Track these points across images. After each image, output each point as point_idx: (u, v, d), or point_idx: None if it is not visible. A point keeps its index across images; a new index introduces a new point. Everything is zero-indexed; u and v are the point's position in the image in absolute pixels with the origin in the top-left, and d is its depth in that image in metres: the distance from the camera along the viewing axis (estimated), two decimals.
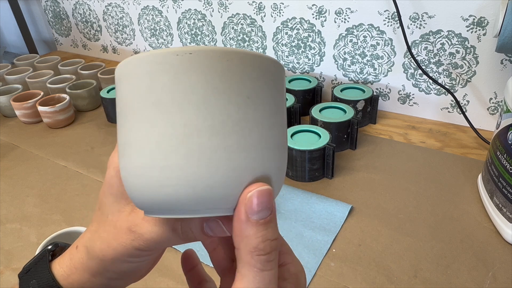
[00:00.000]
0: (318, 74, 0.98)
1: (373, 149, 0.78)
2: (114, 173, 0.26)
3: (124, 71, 0.21)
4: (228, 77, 0.20)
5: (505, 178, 0.54)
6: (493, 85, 0.78)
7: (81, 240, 0.28)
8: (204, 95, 0.19)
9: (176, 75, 0.19)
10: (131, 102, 0.20)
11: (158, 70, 0.19)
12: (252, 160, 0.20)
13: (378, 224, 0.60)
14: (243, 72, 0.20)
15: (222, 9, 1.03)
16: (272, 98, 0.21)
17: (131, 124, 0.21)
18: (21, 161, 0.83)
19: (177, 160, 0.19)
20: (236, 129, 0.20)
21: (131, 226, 0.25)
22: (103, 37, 1.35)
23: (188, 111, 0.19)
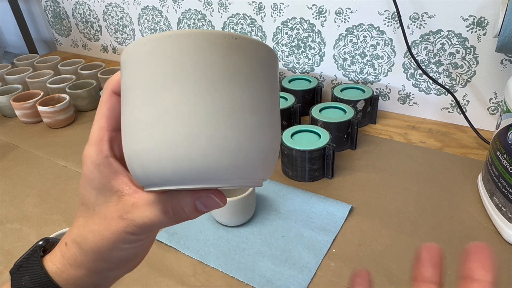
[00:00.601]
0: (318, 74, 0.98)
1: (373, 149, 0.78)
2: (93, 167, 0.26)
3: (165, 45, 0.22)
4: (265, 64, 0.23)
5: (505, 178, 0.54)
6: (493, 85, 0.78)
7: (70, 237, 0.28)
8: (248, 77, 0.22)
9: (226, 55, 0.21)
10: (161, 76, 0.21)
11: (208, 48, 0.21)
12: (276, 136, 0.24)
13: (378, 224, 0.60)
14: (273, 61, 0.24)
15: (222, 9, 1.03)
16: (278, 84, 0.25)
17: (156, 99, 0.21)
18: (21, 161, 0.83)
19: (225, 132, 0.21)
20: (268, 109, 0.23)
21: (122, 214, 0.26)
22: (103, 37, 1.35)
23: (234, 89, 0.21)
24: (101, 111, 0.27)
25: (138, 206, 0.25)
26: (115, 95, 0.27)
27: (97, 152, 0.26)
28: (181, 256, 0.57)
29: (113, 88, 0.27)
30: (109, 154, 0.27)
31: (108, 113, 0.27)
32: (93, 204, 0.27)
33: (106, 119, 0.27)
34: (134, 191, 0.26)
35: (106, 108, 0.27)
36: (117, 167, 0.27)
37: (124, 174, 0.27)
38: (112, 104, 0.27)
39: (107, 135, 0.27)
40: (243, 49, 0.22)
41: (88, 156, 0.27)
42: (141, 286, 0.53)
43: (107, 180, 0.26)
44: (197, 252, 0.57)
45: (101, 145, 0.27)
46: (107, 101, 0.27)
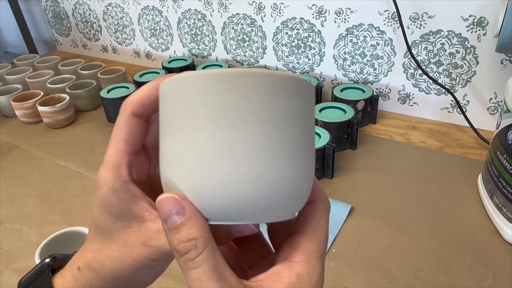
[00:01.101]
0: (318, 74, 0.98)
1: (373, 149, 0.78)
2: (110, 192, 0.25)
3: (199, 86, 0.21)
4: (313, 103, 0.24)
5: (505, 178, 0.54)
6: (493, 85, 0.78)
7: (83, 261, 0.27)
8: (304, 118, 0.23)
9: (291, 98, 0.22)
10: (229, 114, 0.21)
11: (278, 91, 0.21)
12: (310, 175, 0.24)
13: (378, 224, 0.60)
14: (313, 97, 0.24)
15: (222, 9, 1.03)
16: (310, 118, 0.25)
17: (202, 137, 0.21)
18: (21, 161, 0.83)
19: (286, 173, 0.22)
20: (303, 150, 0.23)
21: (145, 241, 0.25)
22: (103, 37, 1.36)
23: (295, 131, 0.22)
24: (119, 133, 0.25)
25: (163, 232, 0.25)
26: (135, 117, 0.26)
27: (114, 177, 0.25)
28: None
29: (133, 110, 0.25)
30: (128, 179, 0.25)
31: (127, 136, 0.25)
32: (110, 229, 0.26)
33: (125, 142, 0.25)
34: (157, 217, 0.25)
35: (125, 131, 0.25)
36: (136, 192, 0.25)
37: (144, 199, 0.26)
38: (131, 126, 0.25)
39: (126, 159, 0.25)
40: (302, 91, 0.22)
41: (104, 181, 0.25)
42: None
43: (126, 206, 0.25)
44: None
45: (119, 170, 0.25)
46: (127, 123, 0.25)
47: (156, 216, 0.25)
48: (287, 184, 0.22)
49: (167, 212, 0.21)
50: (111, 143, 0.26)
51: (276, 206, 0.22)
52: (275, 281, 0.22)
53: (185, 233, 0.21)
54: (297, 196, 0.23)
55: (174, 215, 0.21)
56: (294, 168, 0.22)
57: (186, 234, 0.21)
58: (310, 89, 0.23)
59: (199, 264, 0.21)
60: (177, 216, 0.21)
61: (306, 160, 0.23)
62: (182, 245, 0.21)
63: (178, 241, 0.21)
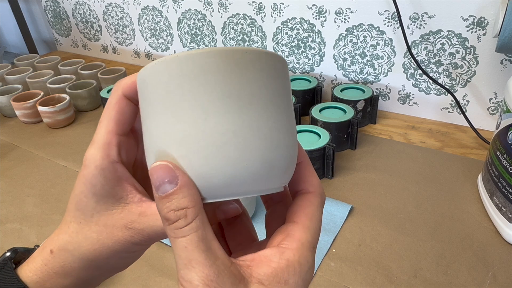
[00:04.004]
0: (318, 74, 0.98)
1: (373, 149, 0.78)
2: (97, 171, 0.25)
3: (185, 68, 0.21)
4: (281, 77, 0.24)
5: (505, 178, 0.54)
6: (493, 85, 0.78)
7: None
8: (287, 91, 0.24)
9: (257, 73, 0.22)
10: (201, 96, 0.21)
11: (231, 67, 0.21)
12: (294, 149, 0.24)
13: (378, 224, 0.60)
14: (285, 74, 0.25)
15: (222, 9, 1.03)
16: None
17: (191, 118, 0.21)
18: (21, 161, 0.83)
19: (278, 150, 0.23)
20: (288, 127, 0.24)
21: (127, 223, 0.25)
22: (103, 37, 1.36)
23: (283, 107, 0.23)
24: (109, 114, 0.26)
25: (146, 215, 0.25)
26: (126, 99, 0.26)
27: (103, 156, 0.25)
28: None
29: (124, 92, 0.25)
30: (116, 159, 0.25)
31: (118, 117, 0.26)
32: (91, 210, 0.25)
33: (116, 122, 0.25)
34: (140, 200, 0.25)
35: (116, 111, 0.25)
36: (123, 174, 0.25)
37: (130, 181, 0.26)
38: (122, 107, 0.26)
39: (116, 139, 0.25)
40: (278, 68, 0.23)
41: (92, 159, 0.25)
42: (141, 286, 0.53)
43: (111, 186, 0.25)
44: None
45: (108, 149, 0.25)
46: (117, 104, 0.26)
47: (140, 199, 0.25)
48: (277, 158, 0.22)
49: (159, 179, 0.21)
50: (101, 123, 0.26)
51: (266, 180, 0.23)
52: (263, 264, 0.22)
53: (176, 202, 0.21)
54: (285, 169, 0.23)
55: (166, 183, 0.21)
56: (282, 144, 0.23)
57: (176, 203, 0.21)
58: (283, 64, 0.24)
59: (187, 233, 0.21)
60: (170, 185, 0.21)
61: (291, 134, 0.24)
62: (172, 213, 0.21)
63: (168, 209, 0.21)
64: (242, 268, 0.22)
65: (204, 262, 0.20)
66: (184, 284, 0.20)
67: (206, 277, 0.20)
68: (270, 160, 0.22)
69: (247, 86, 0.21)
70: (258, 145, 0.21)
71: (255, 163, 0.22)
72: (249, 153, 0.21)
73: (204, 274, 0.20)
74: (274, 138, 0.22)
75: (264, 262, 0.22)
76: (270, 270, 0.22)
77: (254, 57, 0.21)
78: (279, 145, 0.22)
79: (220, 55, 0.21)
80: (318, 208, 0.25)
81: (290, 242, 0.23)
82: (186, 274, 0.20)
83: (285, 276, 0.22)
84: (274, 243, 0.24)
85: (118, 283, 0.53)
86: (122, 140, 0.26)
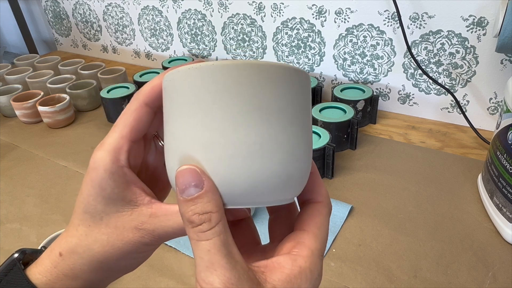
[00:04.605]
0: (318, 74, 0.98)
1: (373, 149, 0.78)
2: (107, 175, 0.25)
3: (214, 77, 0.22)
4: (306, 93, 0.24)
5: (505, 178, 0.54)
6: (493, 85, 0.78)
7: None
8: (307, 105, 0.25)
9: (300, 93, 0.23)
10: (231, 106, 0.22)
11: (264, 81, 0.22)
12: (309, 162, 0.25)
13: (378, 224, 0.60)
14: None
15: (222, 9, 1.03)
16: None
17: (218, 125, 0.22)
18: (21, 161, 0.83)
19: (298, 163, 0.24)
20: (308, 142, 0.25)
21: (137, 225, 0.25)
22: (103, 37, 1.36)
23: (305, 120, 0.24)
24: (126, 120, 0.26)
25: (157, 216, 0.25)
26: (146, 106, 0.26)
27: (113, 160, 0.25)
28: (181, 256, 0.57)
29: (145, 100, 0.26)
30: (125, 164, 0.25)
31: (134, 124, 0.26)
32: (101, 212, 0.26)
33: (131, 129, 0.26)
34: (150, 202, 0.25)
35: (133, 118, 0.26)
36: (131, 178, 0.26)
37: (138, 184, 0.26)
38: (140, 115, 0.26)
39: (128, 145, 0.26)
40: (303, 83, 0.24)
41: (102, 163, 0.25)
42: (141, 286, 0.53)
43: (120, 190, 0.25)
44: None
45: (118, 154, 0.25)
46: (136, 111, 0.26)
47: (149, 200, 0.26)
48: (296, 171, 0.23)
49: (186, 182, 0.22)
50: (115, 127, 0.26)
51: (283, 191, 0.24)
52: (277, 270, 0.23)
53: (201, 205, 0.21)
54: (301, 181, 0.25)
55: (192, 187, 0.21)
56: (301, 158, 0.24)
57: (201, 207, 0.21)
58: (309, 80, 0.25)
59: (210, 236, 0.21)
60: (195, 189, 0.21)
61: (309, 149, 0.25)
62: (197, 216, 0.21)
63: (193, 212, 0.21)
64: (257, 274, 0.22)
65: (225, 265, 0.21)
66: (204, 286, 0.21)
67: (228, 280, 0.21)
68: (290, 173, 0.23)
69: (277, 101, 0.22)
70: (281, 158, 0.22)
71: (276, 175, 0.23)
72: (272, 165, 0.22)
73: (226, 278, 0.21)
74: (295, 153, 0.23)
75: (277, 269, 0.23)
76: (284, 276, 0.22)
77: (287, 73, 0.22)
78: (299, 159, 0.23)
79: (255, 69, 0.21)
80: (326, 217, 0.26)
81: (301, 250, 0.24)
82: (207, 277, 0.21)
83: (298, 281, 0.22)
84: (284, 250, 0.24)
85: (118, 283, 0.53)
86: (133, 146, 0.26)
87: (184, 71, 0.22)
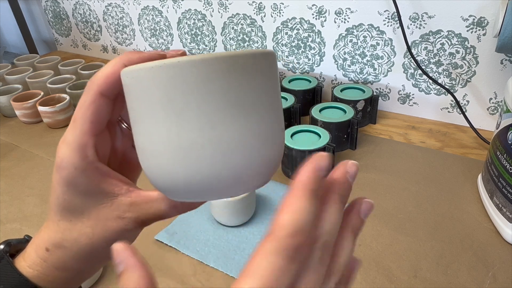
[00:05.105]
0: (318, 74, 0.98)
1: (373, 149, 0.78)
2: (78, 172, 0.24)
3: (161, 76, 0.21)
4: (275, 75, 0.24)
5: (505, 178, 0.54)
6: (493, 85, 0.78)
7: (50, 242, 0.27)
8: (265, 91, 0.23)
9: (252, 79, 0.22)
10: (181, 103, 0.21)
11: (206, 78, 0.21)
12: (282, 142, 0.25)
13: (378, 224, 0.60)
14: (273, 62, 0.24)
15: (222, 9, 1.03)
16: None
17: (158, 125, 0.21)
18: (21, 161, 0.83)
19: (256, 151, 0.23)
20: (281, 122, 0.24)
21: (119, 214, 0.26)
22: (103, 37, 1.36)
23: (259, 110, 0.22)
24: (84, 114, 0.25)
25: (138, 204, 0.26)
26: (102, 96, 0.25)
27: (81, 157, 0.24)
28: (181, 256, 0.57)
29: (101, 91, 0.24)
30: (95, 158, 0.25)
31: (93, 118, 0.25)
32: (81, 207, 0.26)
33: (91, 123, 0.25)
34: (128, 190, 0.26)
35: (91, 112, 0.25)
36: (104, 170, 0.26)
37: (113, 175, 0.26)
38: (98, 107, 0.25)
39: (92, 140, 0.25)
40: (265, 68, 0.23)
41: (70, 162, 0.24)
42: None
43: (96, 184, 0.25)
44: (197, 252, 0.57)
45: (85, 151, 0.25)
46: (93, 103, 0.24)
47: (127, 189, 0.26)
48: (275, 155, 0.24)
49: (115, 261, 0.22)
50: (75, 122, 0.25)
51: (266, 176, 0.24)
52: None
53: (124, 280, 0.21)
54: (279, 160, 0.24)
55: (118, 264, 0.22)
56: (278, 142, 0.23)
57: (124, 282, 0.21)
58: (275, 59, 0.24)
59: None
60: (121, 265, 0.22)
61: (282, 130, 0.24)
62: None
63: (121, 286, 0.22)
64: None
65: None
66: None
67: None
68: (270, 158, 0.23)
69: (252, 92, 0.21)
70: (261, 148, 0.22)
71: (259, 165, 0.23)
72: (253, 157, 0.22)
73: None
74: (274, 138, 0.23)
75: None
76: None
77: (256, 59, 0.22)
78: (276, 142, 0.23)
79: (224, 61, 0.20)
80: (268, 256, 0.18)
81: None
82: None
83: None
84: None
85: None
86: (97, 138, 0.26)
87: (149, 70, 0.21)
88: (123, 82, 0.23)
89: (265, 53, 0.22)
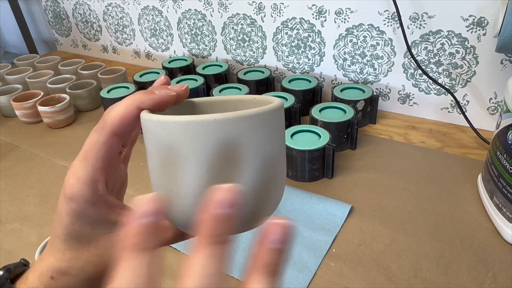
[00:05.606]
0: (318, 74, 0.98)
1: (373, 149, 0.78)
2: (89, 205, 0.25)
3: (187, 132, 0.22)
4: (278, 122, 0.26)
5: (505, 178, 0.54)
6: (493, 85, 0.78)
7: (55, 270, 0.27)
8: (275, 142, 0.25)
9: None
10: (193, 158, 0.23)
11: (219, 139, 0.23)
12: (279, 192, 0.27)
13: (378, 224, 0.60)
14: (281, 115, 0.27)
15: (222, 9, 1.03)
16: None
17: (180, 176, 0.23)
18: (21, 161, 0.83)
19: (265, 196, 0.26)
20: (282, 173, 0.27)
21: None
22: (103, 37, 1.36)
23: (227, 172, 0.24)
24: (98, 153, 0.26)
25: None
26: (116, 137, 0.26)
27: (92, 191, 0.26)
28: (181, 256, 0.57)
29: (115, 131, 0.25)
30: (105, 192, 0.26)
31: (106, 156, 0.26)
32: (88, 237, 0.26)
33: (103, 161, 0.26)
34: (135, 219, 0.26)
35: (105, 151, 0.26)
36: (113, 202, 0.27)
37: (120, 206, 0.27)
38: (111, 147, 0.26)
39: (104, 176, 0.26)
40: (273, 122, 0.25)
41: (81, 196, 0.25)
42: None
43: (105, 216, 0.26)
44: None
45: (96, 185, 0.26)
46: (106, 143, 0.26)
47: (134, 218, 0.26)
48: (276, 201, 0.26)
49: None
50: (87, 159, 0.26)
51: (248, 226, 0.25)
52: None
53: None
54: (266, 216, 0.26)
55: None
56: (274, 193, 0.26)
57: None
58: (283, 109, 0.26)
59: None
60: None
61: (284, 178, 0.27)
62: None
63: None
64: None
65: None
66: None
67: None
68: (278, 199, 0.26)
69: (277, 142, 0.25)
70: (274, 193, 0.25)
71: (270, 207, 0.26)
72: (267, 201, 0.25)
73: None
74: (283, 181, 0.27)
75: None
76: None
77: (274, 115, 0.24)
78: (283, 185, 0.27)
79: (254, 118, 0.23)
80: (127, 263, 0.19)
81: None
82: None
83: None
84: None
85: None
86: (107, 174, 0.27)
87: (185, 124, 0.22)
88: (148, 127, 0.24)
89: (281, 105, 0.25)
